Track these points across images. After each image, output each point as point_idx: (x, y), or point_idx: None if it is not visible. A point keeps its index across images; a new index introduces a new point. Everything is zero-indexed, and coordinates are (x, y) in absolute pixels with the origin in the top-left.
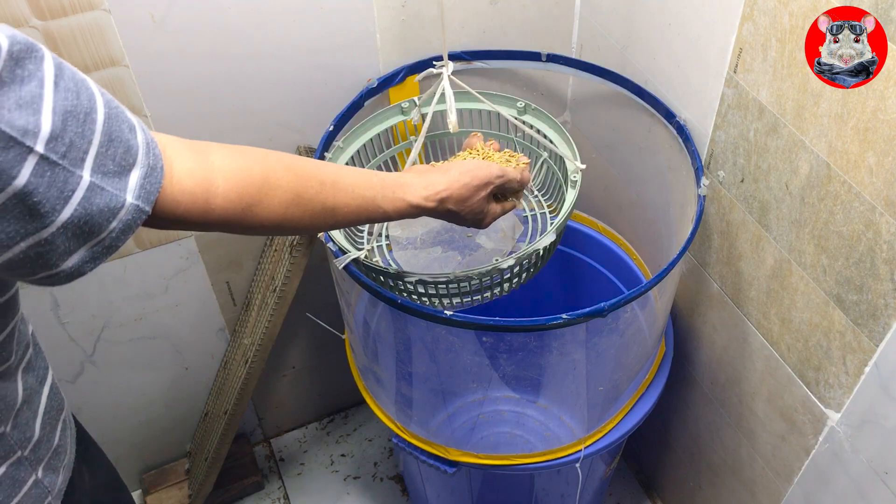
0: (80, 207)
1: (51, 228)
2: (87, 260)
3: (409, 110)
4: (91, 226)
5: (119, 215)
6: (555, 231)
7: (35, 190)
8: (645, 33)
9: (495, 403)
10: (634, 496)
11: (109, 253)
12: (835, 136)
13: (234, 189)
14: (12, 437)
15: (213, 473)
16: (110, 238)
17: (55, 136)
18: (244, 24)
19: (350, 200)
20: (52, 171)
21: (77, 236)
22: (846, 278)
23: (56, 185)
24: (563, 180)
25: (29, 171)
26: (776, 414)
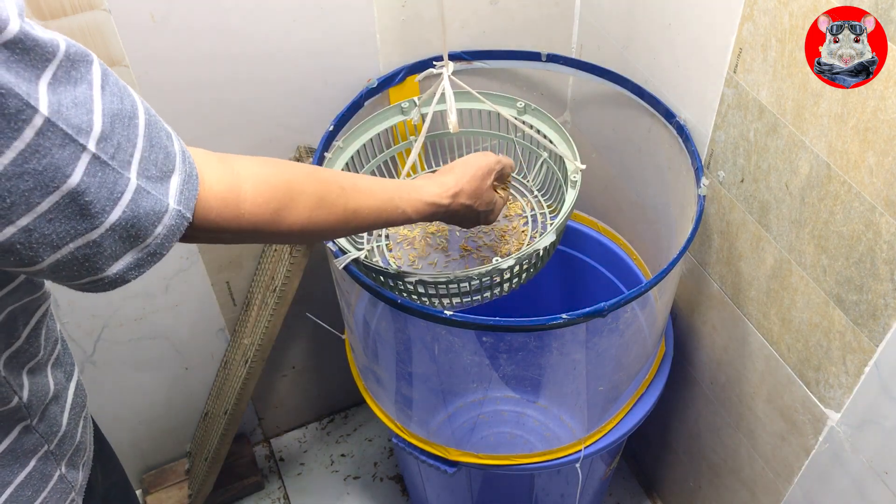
0: (129, 209)
1: (100, 230)
2: (132, 266)
3: (409, 110)
4: (138, 229)
5: (164, 220)
6: (555, 231)
7: (87, 189)
8: (645, 33)
9: (495, 403)
10: (634, 496)
11: (154, 260)
12: (835, 136)
13: (262, 194)
14: (39, 429)
15: (213, 473)
16: (155, 244)
17: (105, 136)
18: (244, 24)
19: (371, 202)
20: (102, 171)
21: (124, 239)
22: (846, 278)
23: (107, 185)
24: (562, 180)
25: (82, 170)
26: (776, 414)
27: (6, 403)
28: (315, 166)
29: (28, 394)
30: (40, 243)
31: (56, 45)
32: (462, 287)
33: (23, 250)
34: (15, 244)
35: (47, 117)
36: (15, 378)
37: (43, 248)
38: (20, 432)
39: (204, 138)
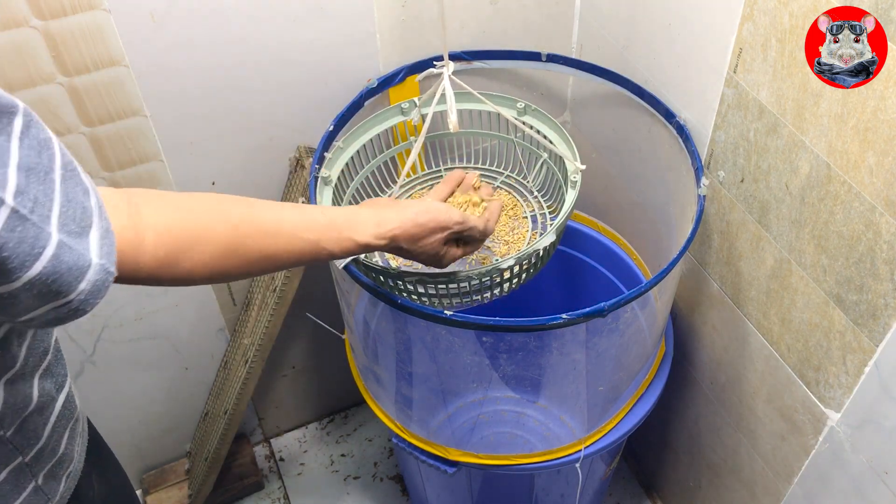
0: (50, 265)
1: (16, 284)
2: (52, 320)
3: (409, 111)
4: (59, 285)
5: (87, 276)
6: (555, 231)
7: (4, 244)
8: (645, 33)
9: (495, 403)
10: (634, 496)
11: (75, 316)
12: (835, 136)
13: (163, 245)
14: (14, 441)
15: (213, 473)
16: (78, 300)
17: (21, 190)
18: (244, 24)
19: (291, 247)
20: (22, 225)
21: (42, 295)
22: (846, 278)
23: (27, 240)
24: (562, 181)
25: (0, 223)
26: (776, 414)
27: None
28: (238, 205)
29: (1, 405)
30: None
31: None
32: (462, 287)
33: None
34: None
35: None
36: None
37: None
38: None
39: (203, 138)
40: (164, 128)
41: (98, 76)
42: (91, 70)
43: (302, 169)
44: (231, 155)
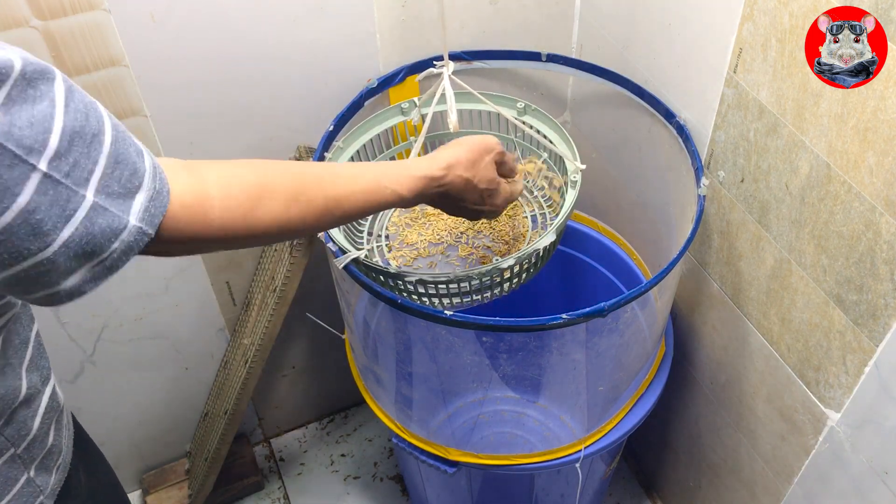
0: (82, 227)
1: (53, 247)
2: (88, 279)
3: (409, 111)
4: (93, 246)
5: (121, 236)
6: (555, 231)
7: (37, 208)
8: (645, 33)
9: (495, 403)
10: (634, 496)
11: (110, 273)
12: (835, 136)
13: (230, 196)
14: (5, 432)
15: (213, 473)
16: (111, 259)
17: (59, 154)
18: (244, 23)
19: (354, 187)
20: (54, 189)
21: (78, 256)
22: (846, 278)
23: (59, 203)
24: (562, 181)
25: (32, 189)
26: (776, 414)
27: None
28: (290, 161)
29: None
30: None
31: (10, 65)
32: (462, 287)
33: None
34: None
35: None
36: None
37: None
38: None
39: (203, 138)
40: (164, 127)
41: (98, 76)
42: (91, 70)
43: None
44: (231, 155)
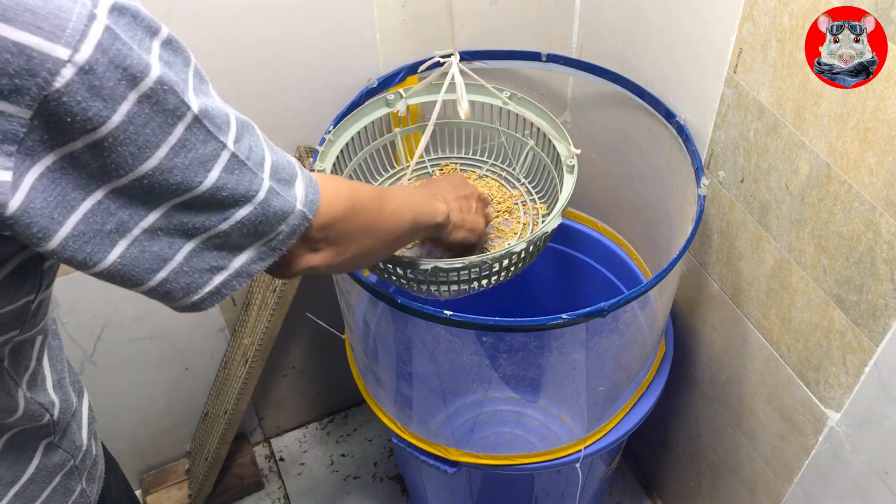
0: (259, 208)
1: (229, 221)
2: (255, 259)
3: (394, 102)
4: (265, 226)
5: (288, 219)
6: (559, 214)
7: (224, 185)
8: (645, 33)
9: (495, 403)
10: (634, 496)
11: (275, 255)
12: (835, 136)
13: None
14: (63, 445)
15: (213, 473)
16: (277, 240)
17: (239, 138)
18: (244, 23)
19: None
20: (240, 169)
21: (250, 233)
22: (846, 278)
23: (243, 183)
24: (552, 166)
25: (221, 167)
26: (776, 414)
27: (39, 420)
28: None
29: (58, 411)
30: (178, 232)
31: (188, 52)
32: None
33: (163, 237)
34: (157, 231)
35: (196, 114)
36: (44, 397)
37: (180, 238)
38: (45, 449)
39: None
40: None
41: None
42: None
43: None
44: None
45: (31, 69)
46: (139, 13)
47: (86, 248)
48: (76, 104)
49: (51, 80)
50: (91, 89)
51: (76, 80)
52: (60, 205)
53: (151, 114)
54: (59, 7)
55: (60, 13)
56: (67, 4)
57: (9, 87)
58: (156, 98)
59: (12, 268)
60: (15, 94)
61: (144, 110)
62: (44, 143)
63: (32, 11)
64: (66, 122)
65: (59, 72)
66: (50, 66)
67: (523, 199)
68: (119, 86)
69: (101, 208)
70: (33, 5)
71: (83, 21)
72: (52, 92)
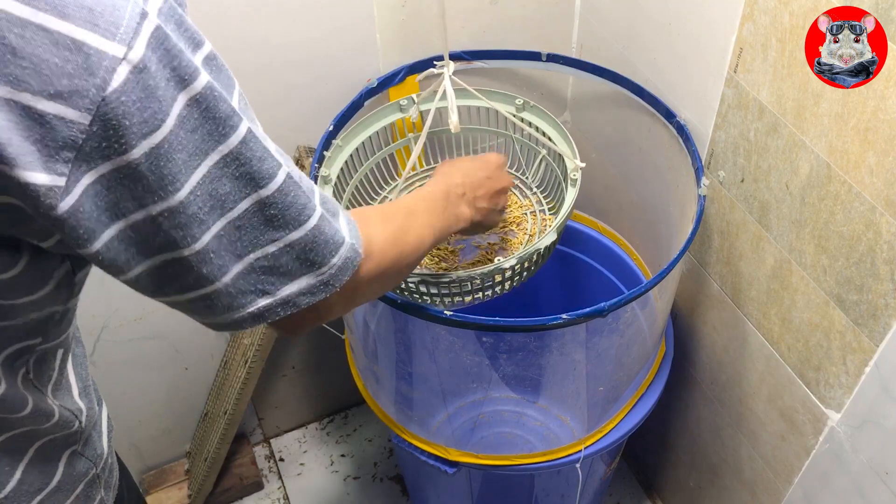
0: (310, 234)
1: (279, 243)
2: (305, 291)
3: (407, 108)
4: (315, 254)
5: (340, 251)
6: (555, 231)
7: (275, 203)
8: (645, 33)
9: (495, 403)
10: (634, 496)
11: (326, 290)
12: (835, 136)
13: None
14: (86, 453)
15: (213, 473)
16: (329, 273)
17: (289, 163)
18: (244, 23)
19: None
20: (295, 190)
21: (300, 260)
22: (846, 278)
23: (297, 204)
24: (562, 177)
25: (277, 185)
26: (776, 414)
27: (69, 427)
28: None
29: (85, 419)
30: (228, 251)
31: (231, 75)
32: (464, 287)
33: (215, 259)
34: (209, 252)
35: (249, 128)
36: (72, 404)
37: (229, 257)
38: (69, 457)
39: None
40: None
41: None
42: None
43: (302, 169)
44: None
45: (88, 67)
46: (184, 22)
47: (123, 256)
48: (132, 104)
49: (108, 80)
50: (146, 89)
51: (131, 78)
52: (110, 211)
53: (201, 120)
54: (114, 5)
55: (115, 10)
56: (120, 3)
57: (69, 89)
58: (206, 104)
59: (56, 282)
60: (75, 97)
61: (193, 114)
62: (101, 150)
63: (89, 8)
64: (125, 125)
65: (115, 69)
66: (107, 63)
67: (533, 210)
68: (169, 87)
69: (150, 221)
70: (90, 2)
71: (136, 19)
72: (109, 93)
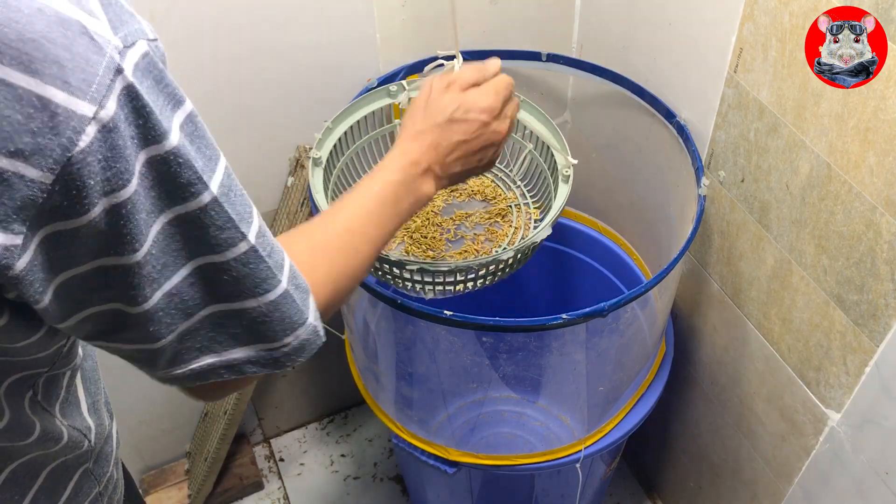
0: (266, 307)
1: (231, 306)
2: (252, 361)
3: (396, 93)
4: (268, 328)
5: (297, 332)
6: (549, 225)
7: (230, 269)
8: (645, 33)
9: (495, 403)
10: (634, 496)
11: (276, 366)
12: (835, 136)
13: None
14: (95, 472)
15: (213, 473)
16: (283, 352)
17: (262, 234)
18: (244, 23)
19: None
20: (256, 263)
21: (250, 330)
22: (846, 278)
23: (255, 277)
24: (548, 173)
25: (237, 253)
26: (776, 414)
27: (79, 447)
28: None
29: (94, 436)
30: (178, 310)
31: (215, 145)
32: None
33: (163, 318)
34: (158, 311)
35: (215, 196)
36: (81, 422)
37: (178, 315)
38: (80, 476)
39: None
40: None
41: None
42: None
43: (302, 169)
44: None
45: (54, 127)
46: (164, 79)
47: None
48: (97, 163)
49: (76, 140)
50: (113, 148)
51: (99, 137)
52: (63, 261)
53: (159, 180)
54: (87, 60)
55: (88, 66)
56: (95, 58)
57: (31, 147)
58: (167, 167)
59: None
60: (37, 156)
61: (152, 174)
62: (61, 209)
63: (60, 64)
64: (89, 184)
65: (83, 130)
66: (75, 123)
67: (517, 203)
68: (132, 145)
69: (101, 273)
70: (61, 57)
71: (109, 75)
72: (76, 153)
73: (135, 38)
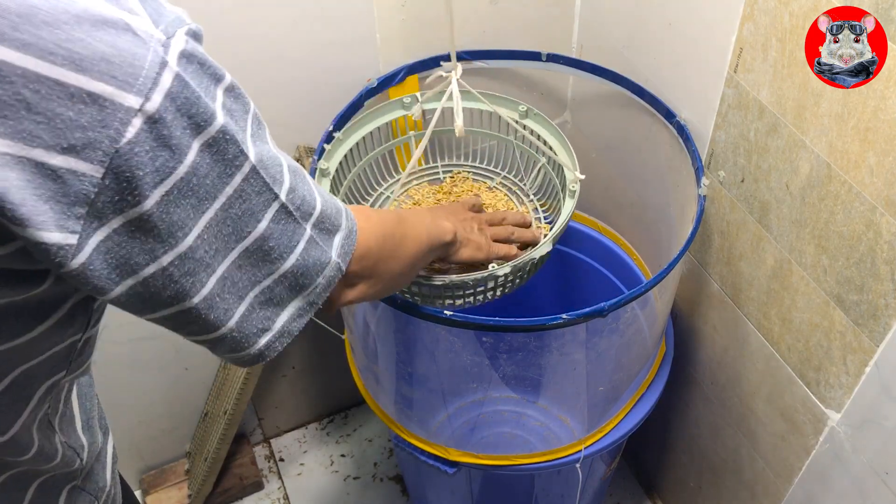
0: (300, 259)
1: (274, 276)
2: (295, 316)
3: (410, 105)
4: (305, 278)
5: (324, 271)
6: (551, 241)
7: (271, 236)
8: (645, 33)
9: (495, 403)
10: (634, 496)
11: (312, 310)
12: (835, 136)
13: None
14: (87, 488)
15: (213, 473)
16: (315, 293)
17: (293, 189)
18: (244, 23)
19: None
20: (286, 220)
21: (292, 287)
22: (846, 278)
23: (287, 233)
24: (559, 187)
25: (270, 216)
26: (776, 414)
27: (71, 465)
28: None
29: (86, 455)
30: (231, 293)
31: (248, 98)
32: (456, 292)
33: (220, 303)
34: (215, 297)
35: (254, 164)
36: (75, 440)
37: (232, 299)
38: (68, 493)
39: None
40: None
41: None
42: None
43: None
44: None
45: (102, 119)
46: (206, 60)
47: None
48: (145, 154)
49: (122, 131)
50: (159, 138)
51: (145, 129)
52: (121, 268)
53: (212, 163)
54: (133, 55)
55: (134, 61)
56: (140, 52)
57: (82, 142)
58: (217, 147)
59: (66, 310)
60: (88, 150)
61: (206, 159)
62: (113, 204)
63: (107, 60)
64: (138, 175)
65: (130, 121)
66: (122, 115)
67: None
68: (185, 134)
69: (161, 274)
70: (108, 53)
71: (155, 69)
72: (123, 145)
73: (175, 27)
